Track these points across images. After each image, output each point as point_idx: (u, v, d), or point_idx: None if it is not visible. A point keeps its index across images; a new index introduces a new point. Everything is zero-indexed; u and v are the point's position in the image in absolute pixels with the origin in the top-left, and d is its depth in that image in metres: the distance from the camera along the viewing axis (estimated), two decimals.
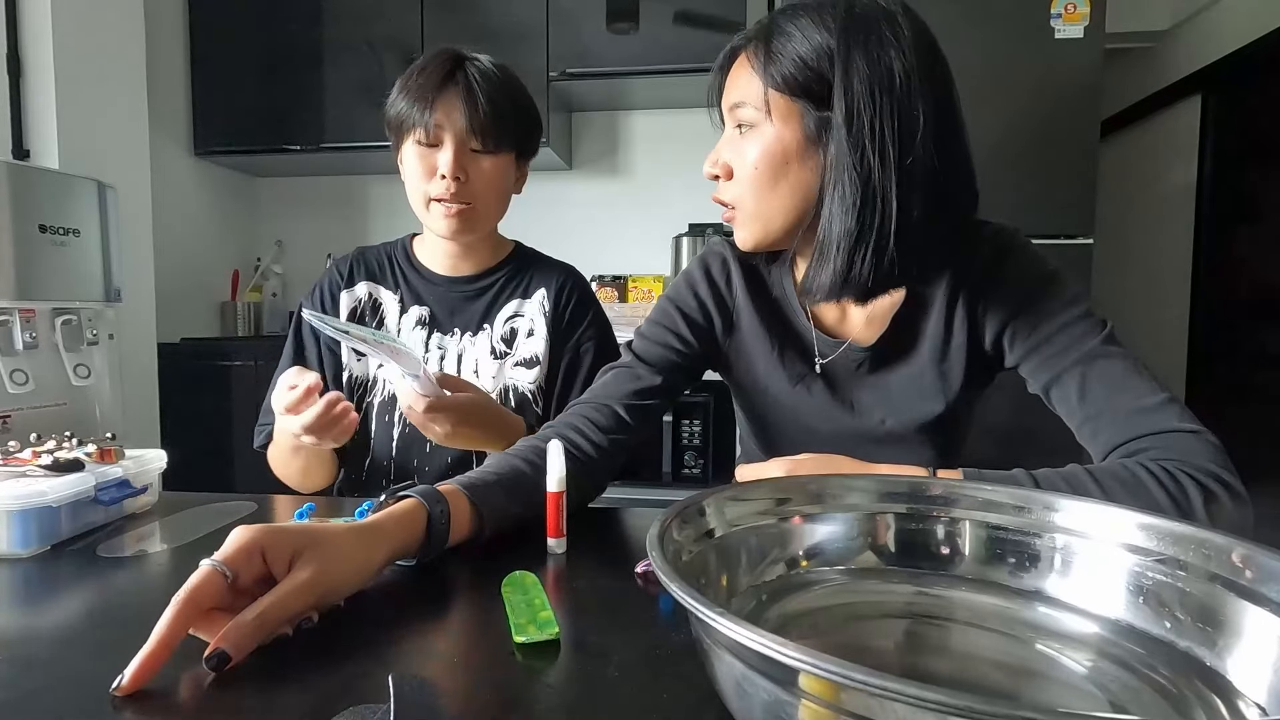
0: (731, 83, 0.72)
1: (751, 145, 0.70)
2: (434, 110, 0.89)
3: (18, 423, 1.55)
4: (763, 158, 0.69)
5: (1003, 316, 0.74)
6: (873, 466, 0.67)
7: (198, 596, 0.42)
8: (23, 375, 1.59)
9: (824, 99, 0.66)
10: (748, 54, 0.70)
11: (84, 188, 1.76)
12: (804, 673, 0.27)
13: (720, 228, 2.60)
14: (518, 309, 1.02)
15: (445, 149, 0.90)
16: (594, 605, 0.52)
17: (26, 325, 1.60)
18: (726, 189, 0.74)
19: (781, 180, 0.69)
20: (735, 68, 0.72)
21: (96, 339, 1.76)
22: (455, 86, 0.90)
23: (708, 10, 2.28)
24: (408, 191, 0.96)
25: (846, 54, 0.64)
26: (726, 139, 0.74)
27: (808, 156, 0.68)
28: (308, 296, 1.05)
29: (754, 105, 0.68)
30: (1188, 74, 2.59)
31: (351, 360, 1.00)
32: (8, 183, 1.56)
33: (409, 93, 0.91)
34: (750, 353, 0.84)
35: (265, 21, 2.51)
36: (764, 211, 0.71)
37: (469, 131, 0.90)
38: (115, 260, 1.82)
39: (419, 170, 0.91)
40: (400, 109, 0.92)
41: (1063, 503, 0.48)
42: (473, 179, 0.92)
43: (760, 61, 0.68)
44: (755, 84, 0.68)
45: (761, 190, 0.70)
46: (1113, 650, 0.41)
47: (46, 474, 0.65)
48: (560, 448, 0.62)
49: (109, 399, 1.80)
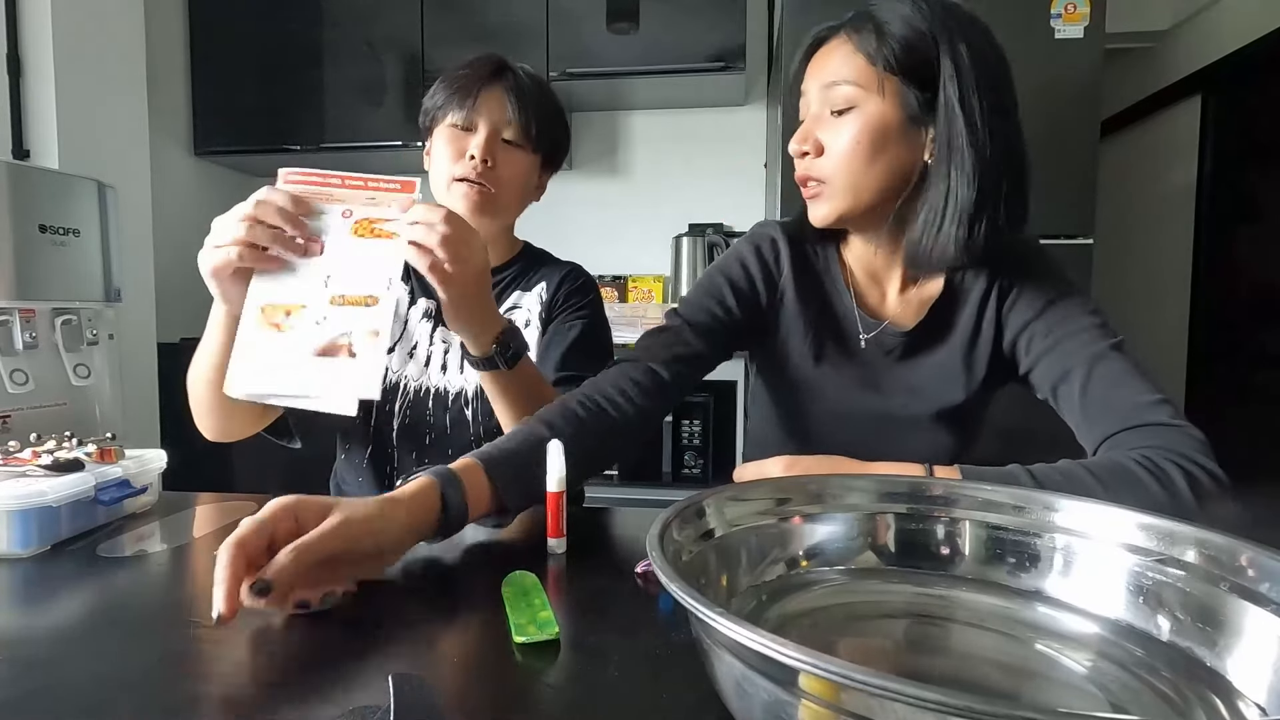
0: (824, 63, 0.75)
1: (850, 123, 0.72)
2: (475, 99, 0.91)
3: (18, 423, 1.55)
4: (864, 133, 0.72)
5: (1025, 318, 0.78)
6: (870, 466, 0.68)
7: (244, 542, 0.46)
8: (23, 375, 1.59)
9: (928, 80, 0.70)
10: (848, 36, 0.73)
11: (84, 188, 1.76)
12: (804, 673, 0.27)
13: (720, 227, 2.60)
14: (517, 301, 1.01)
15: (479, 133, 0.91)
16: (594, 605, 0.52)
17: (26, 325, 1.60)
18: (816, 165, 0.76)
19: (880, 156, 0.73)
20: (827, 50, 0.76)
21: (96, 339, 1.76)
22: (499, 82, 0.93)
23: (707, 11, 2.28)
24: (431, 176, 0.95)
25: (951, 38, 0.70)
26: (815, 117, 0.76)
27: (907, 135, 0.72)
28: None
29: (855, 82, 0.72)
30: (1188, 74, 2.59)
31: None
32: (8, 183, 1.56)
33: (450, 84, 0.93)
34: (789, 327, 0.87)
35: (265, 21, 2.51)
36: (857, 185, 0.74)
37: (505, 121, 0.92)
38: (115, 260, 1.82)
39: (448, 152, 0.92)
40: (438, 99, 0.93)
41: (1062, 503, 0.48)
42: (499, 166, 0.93)
43: (868, 42, 0.71)
44: (858, 63, 0.72)
45: (858, 165, 0.73)
46: (1113, 650, 0.41)
47: (46, 474, 0.65)
48: (560, 447, 0.62)
49: (109, 399, 1.80)
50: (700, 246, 2.48)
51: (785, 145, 1.86)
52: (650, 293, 2.63)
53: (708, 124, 2.66)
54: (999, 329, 0.80)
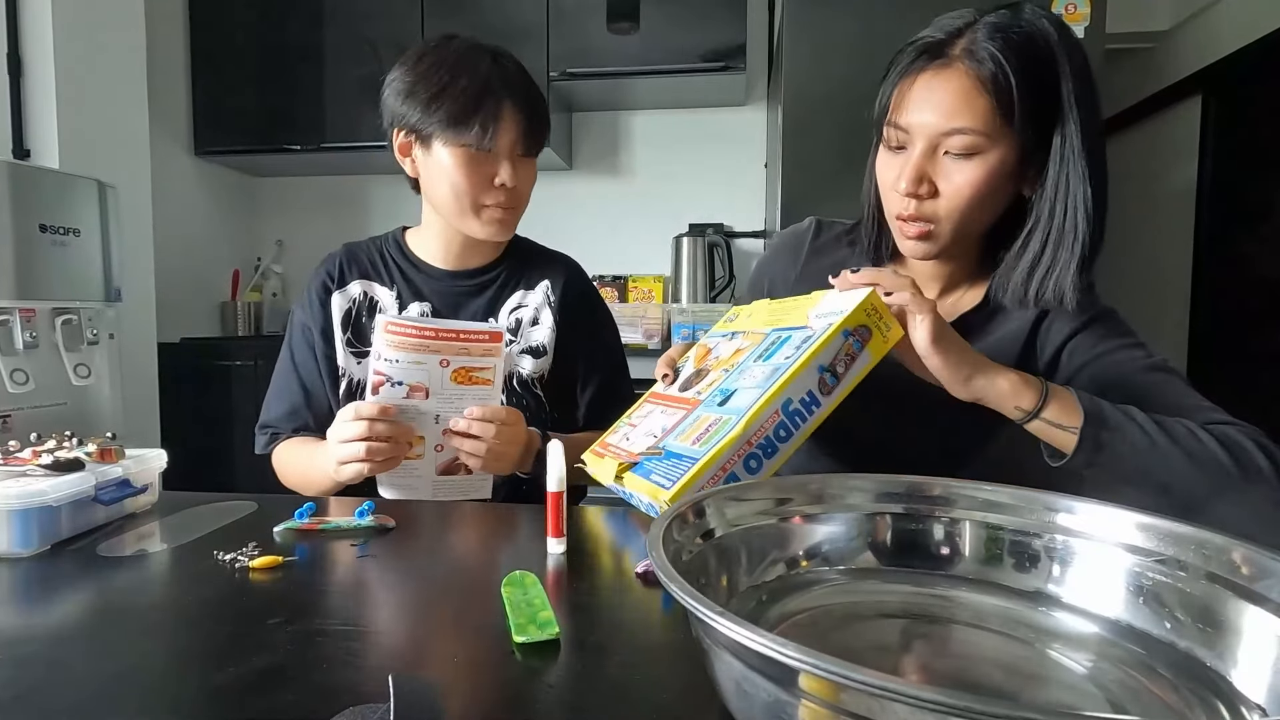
0: (941, 99, 0.69)
1: (973, 169, 0.69)
2: (495, 126, 0.88)
3: (18, 422, 1.55)
4: (985, 182, 0.69)
5: (1066, 332, 0.77)
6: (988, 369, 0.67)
7: None
8: (23, 375, 1.59)
9: (1046, 119, 0.68)
10: (968, 69, 0.68)
11: (84, 187, 1.76)
12: (804, 673, 0.27)
13: (720, 227, 2.60)
14: (521, 300, 1.02)
15: (502, 160, 0.91)
16: (594, 605, 0.52)
17: (26, 325, 1.60)
18: (927, 207, 0.72)
19: (990, 201, 0.71)
20: (944, 79, 0.69)
21: (96, 339, 1.76)
22: (506, 97, 0.90)
23: (708, 11, 2.28)
24: (442, 192, 0.92)
25: (1068, 70, 0.67)
26: (925, 156, 0.70)
27: (1018, 175, 0.71)
28: (301, 305, 1.02)
29: (981, 131, 0.68)
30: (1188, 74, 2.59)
31: (350, 364, 0.99)
32: (8, 183, 1.56)
33: (446, 98, 0.88)
34: None
35: (265, 21, 2.51)
36: (967, 229, 0.73)
37: (519, 138, 0.91)
38: (115, 260, 1.82)
39: (468, 177, 0.90)
40: (436, 114, 0.89)
41: (1063, 502, 0.48)
42: (520, 183, 0.93)
43: (993, 84, 0.67)
44: (982, 109, 0.67)
45: (973, 211, 0.71)
46: (1113, 650, 0.41)
47: (46, 474, 0.65)
48: (560, 447, 0.62)
49: (109, 399, 1.80)
50: (700, 246, 2.48)
51: (785, 145, 1.88)
52: (650, 293, 2.63)
53: (708, 124, 2.66)
54: (1033, 346, 0.78)
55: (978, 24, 0.69)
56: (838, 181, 1.52)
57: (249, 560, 0.59)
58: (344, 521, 0.69)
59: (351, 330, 0.99)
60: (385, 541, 0.66)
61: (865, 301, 0.63)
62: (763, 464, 0.60)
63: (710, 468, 0.57)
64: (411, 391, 0.81)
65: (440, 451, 0.85)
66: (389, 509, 0.73)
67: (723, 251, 2.52)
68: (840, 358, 0.62)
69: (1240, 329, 2.45)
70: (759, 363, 0.67)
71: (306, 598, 0.53)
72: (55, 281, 1.67)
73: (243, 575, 0.57)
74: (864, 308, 0.63)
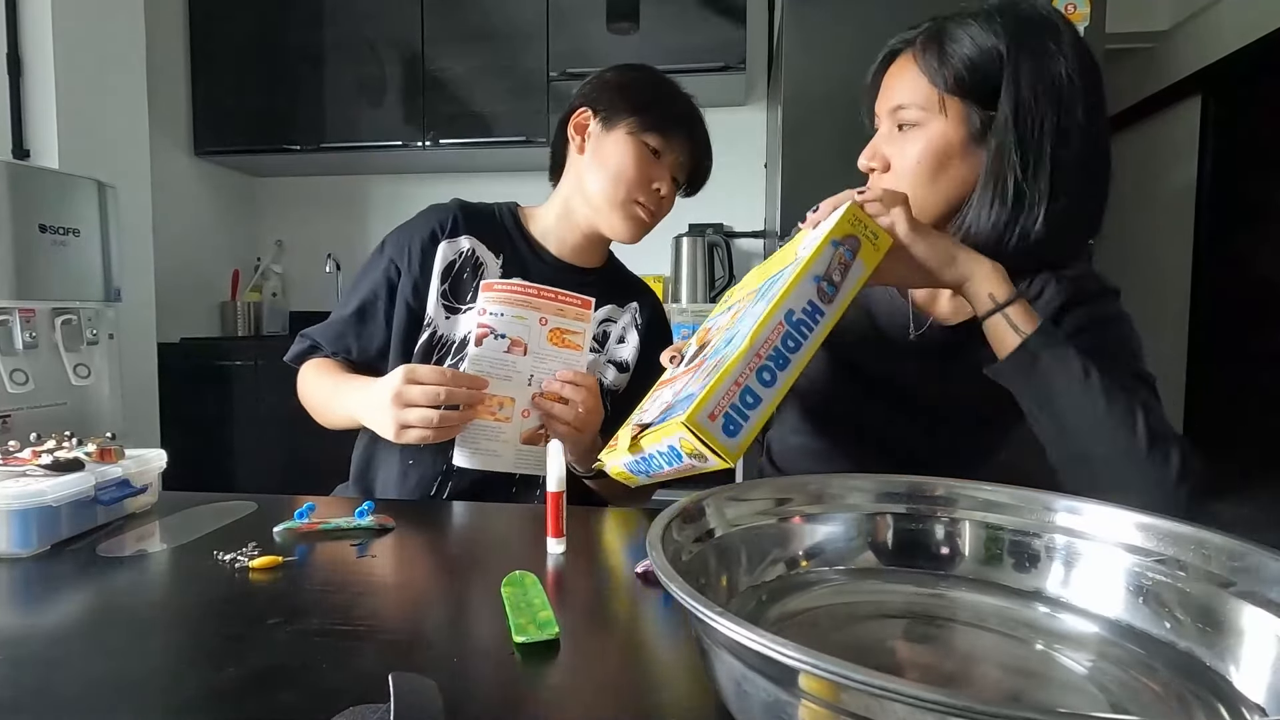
0: (892, 82, 0.76)
1: (914, 142, 0.74)
2: (679, 141, 0.96)
3: (18, 423, 1.55)
4: (927, 154, 0.73)
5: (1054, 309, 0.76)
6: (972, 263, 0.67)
7: None
8: (23, 375, 1.59)
9: (989, 99, 0.70)
10: (914, 56, 0.74)
11: (84, 187, 1.76)
12: (804, 673, 0.27)
13: (720, 227, 2.60)
14: (610, 314, 1.04)
15: (666, 174, 0.96)
16: (594, 605, 0.52)
17: (26, 325, 1.60)
18: (883, 182, 0.77)
19: (941, 175, 0.74)
20: (898, 67, 0.76)
21: (96, 339, 1.76)
22: (696, 136, 0.99)
23: (707, 11, 2.28)
24: (603, 175, 0.95)
25: (1016, 58, 0.69)
26: (884, 135, 0.77)
27: (968, 154, 0.73)
28: (395, 241, 0.99)
29: (919, 105, 0.73)
30: (1188, 74, 2.59)
31: (439, 316, 0.95)
32: (8, 183, 1.56)
33: (647, 100, 0.96)
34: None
35: (265, 21, 2.51)
36: (921, 201, 0.74)
37: (683, 166, 0.99)
38: (115, 260, 1.82)
39: (637, 169, 0.94)
40: (631, 100, 0.95)
41: (1063, 503, 0.48)
42: (666, 201, 0.99)
43: (931, 64, 0.72)
44: (922, 85, 0.73)
45: (920, 184, 0.74)
46: (1113, 650, 0.41)
47: (46, 474, 0.65)
48: (560, 447, 0.62)
49: (109, 399, 1.80)
50: (700, 246, 2.48)
51: (785, 145, 1.88)
52: None
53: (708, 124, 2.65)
54: None
55: (939, 19, 0.74)
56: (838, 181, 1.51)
57: (249, 560, 0.59)
58: (344, 521, 0.69)
59: (450, 283, 0.97)
60: (385, 541, 0.66)
61: (847, 212, 0.64)
62: (776, 376, 0.59)
63: (724, 382, 0.56)
64: (512, 346, 0.83)
65: (526, 418, 0.84)
66: (389, 509, 0.73)
67: (723, 251, 2.52)
68: (834, 267, 0.62)
69: (1240, 328, 2.45)
70: (756, 305, 0.66)
71: (306, 598, 0.53)
72: (55, 281, 1.67)
73: (242, 575, 0.57)
74: (847, 218, 0.63)
